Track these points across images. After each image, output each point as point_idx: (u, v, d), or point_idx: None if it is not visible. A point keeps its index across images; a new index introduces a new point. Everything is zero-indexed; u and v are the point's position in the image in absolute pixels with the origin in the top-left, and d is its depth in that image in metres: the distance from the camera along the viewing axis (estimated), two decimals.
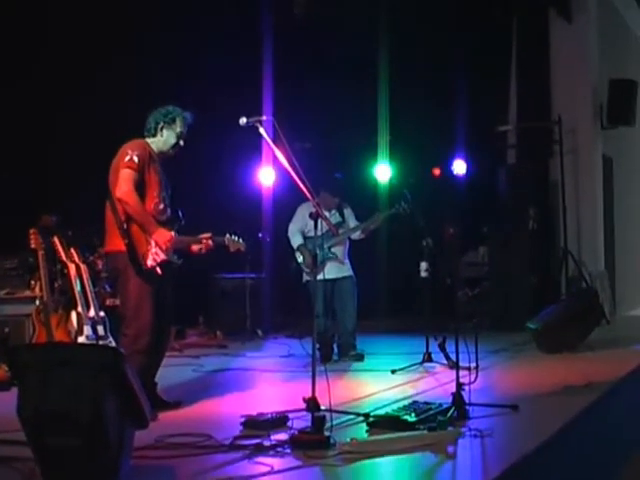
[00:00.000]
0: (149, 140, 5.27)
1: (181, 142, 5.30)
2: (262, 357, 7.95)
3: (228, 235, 5.60)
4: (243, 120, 4.88)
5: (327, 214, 7.32)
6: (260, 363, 7.52)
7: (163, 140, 5.27)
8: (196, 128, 5.41)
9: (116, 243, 5.04)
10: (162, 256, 5.06)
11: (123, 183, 4.98)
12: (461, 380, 4.89)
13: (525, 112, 10.58)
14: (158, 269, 5.03)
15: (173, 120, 5.26)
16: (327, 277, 7.14)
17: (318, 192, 7.32)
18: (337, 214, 7.60)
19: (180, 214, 5.35)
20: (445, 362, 6.72)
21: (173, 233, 5.15)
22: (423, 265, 7.04)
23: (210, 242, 5.45)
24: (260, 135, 4.91)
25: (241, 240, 5.66)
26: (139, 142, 5.19)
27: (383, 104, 10.44)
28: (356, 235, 7.61)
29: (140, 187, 5.05)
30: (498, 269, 10.12)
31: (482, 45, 10.36)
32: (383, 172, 9.97)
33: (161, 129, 5.26)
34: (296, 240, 7.48)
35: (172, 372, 6.34)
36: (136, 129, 5.34)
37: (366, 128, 10.39)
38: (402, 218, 7.30)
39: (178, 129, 5.27)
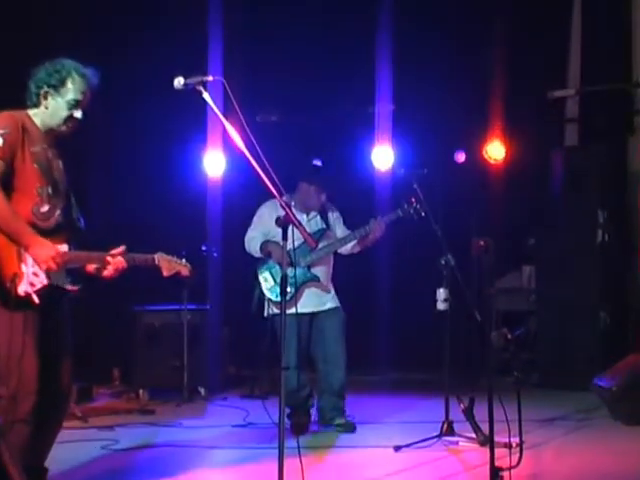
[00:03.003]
0: (31, 112, 5.19)
1: (77, 114, 5.17)
2: (206, 427, 7.91)
3: (161, 253, 5.48)
4: (180, 81, 4.82)
5: (303, 218, 7.30)
6: (203, 436, 7.49)
7: (49, 112, 5.16)
8: (108, 91, 5.32)
9: None
10: (43, 279, 4.98)
11: None
12: (497, 463, 4.89)
13: (592, 71, 10.61)
14: (36, 298, 4.95)
15: (62, 82, 5.12)
16: (303, 310, 7.13)
17: (293, 185, 7.32)
18: (318, 218, 7.59)
19: (80, 220, 5.26)
20: (473, 436, 6.74)
21: (64, 247, 5.08)
22: (441, 293, 7.05)
23: (122, 262, 5.26)
24: (205, 103, 4.88)
25: (184, 260, 5.52)
26: (10, 115, 5.05)
27: (384, 59, 10.46)
28: (347, 249, 7.61)
29: (8, 180, 4.96)
30: (551, 299, 10.15)
31: None
32: (384, 158, 9.99)
33: (45, 96, 5.16)
34: (256, 243, 7.44)
35: (71, 451, 6.30)
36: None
37: (360, 94, 10.41)
38: (410, 225, 7.31)
39: (70, 95, 5.13)
